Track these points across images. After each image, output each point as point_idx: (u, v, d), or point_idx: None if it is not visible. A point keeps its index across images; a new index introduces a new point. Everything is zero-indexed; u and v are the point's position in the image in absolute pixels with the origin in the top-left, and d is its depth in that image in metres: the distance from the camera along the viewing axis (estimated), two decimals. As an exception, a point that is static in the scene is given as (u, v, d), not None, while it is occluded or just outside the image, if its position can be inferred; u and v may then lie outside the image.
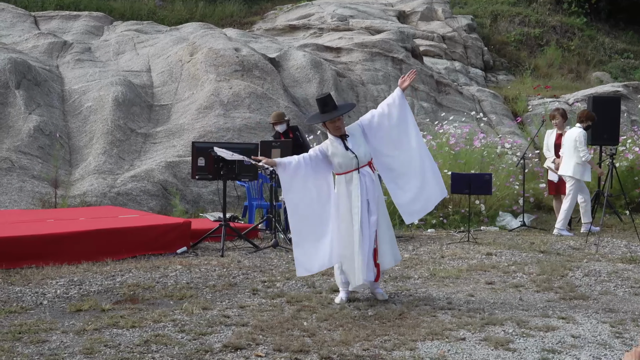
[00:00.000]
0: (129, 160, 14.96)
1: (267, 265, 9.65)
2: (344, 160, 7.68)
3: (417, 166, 7.92)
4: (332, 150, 7.75)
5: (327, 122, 7.74)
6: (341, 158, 7.69)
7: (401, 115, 7.86)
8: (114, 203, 13.30)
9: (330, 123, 7.73)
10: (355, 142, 7.75)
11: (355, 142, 7.75)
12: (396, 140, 7.90)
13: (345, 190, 7.71)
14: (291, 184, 7.73)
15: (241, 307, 7.41)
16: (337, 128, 7.74)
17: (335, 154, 7.72)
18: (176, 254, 10.22)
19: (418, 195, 7.93)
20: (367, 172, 7.73)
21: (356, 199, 7.62)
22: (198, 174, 10.96)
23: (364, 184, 7.67)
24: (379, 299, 7.81)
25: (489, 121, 19.89)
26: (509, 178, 14.47)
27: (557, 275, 9.19)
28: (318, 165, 7.76)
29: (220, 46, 18.41)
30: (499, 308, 7.54)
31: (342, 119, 7.81)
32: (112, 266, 9.23)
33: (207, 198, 14.42)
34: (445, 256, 10.57)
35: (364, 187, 7.66)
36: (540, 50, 29.13)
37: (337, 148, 7.73)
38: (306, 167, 7.72)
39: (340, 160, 7.70)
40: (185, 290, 8.04)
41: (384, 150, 7.93)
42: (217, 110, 16.30)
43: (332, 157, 7.73)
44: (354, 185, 7.66)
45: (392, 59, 21.55)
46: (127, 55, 20.07)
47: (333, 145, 7.76)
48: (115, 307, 7.28)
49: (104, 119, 15.70)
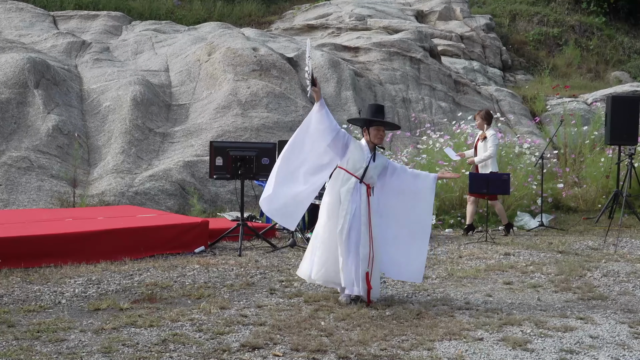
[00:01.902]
0: (147, 159, 15.01)
1: (285, 265, 9.66)
2: (357, 164, 7.71)
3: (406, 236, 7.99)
4: (356, 147, 7.78)
5: (373, 127, 7.80)
6: (357, 159, 7.71)
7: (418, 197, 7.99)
8: (132, 202, 13.35)
9: (374, 129, 7.81)
10: (377, 163, 7.83)
11: (377, 163, 7.83)
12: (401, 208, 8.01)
13: (339, 187, 7.73)
14: (309, 129, 7.76)
15: (259, 306, 7.43)
16: (380, 137, 7.85)
17: (356, 154, 7.74)
18: (194, 254, 10.25)
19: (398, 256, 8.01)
20: (362, 191, 7.74)
21: (346, 202, 7.65)
22: (216, 173, 10.98)
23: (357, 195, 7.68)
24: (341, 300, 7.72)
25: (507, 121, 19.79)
26: (527, 178, 14.41)
27: (576, 275, 9.15)
28: (338, 144, 7.76)
29: (238, 46, 18.44)
30: (516, 308, 7.52)
31: (384, 132, 7.95)
32: (130, 265, 9.27)
33: (225, 197, 14.44)
34: (463, 256, 10.55)
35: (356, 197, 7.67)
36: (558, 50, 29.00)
37: (363, 152, 7.77)
38: (332, 133, 7.69)
39: (355, 160, 7.72)
40: (203, 290, 8.06)
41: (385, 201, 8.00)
42: (235, 109, 16.33)
43: (351, 152, 7.76)
44: (346, 190, 7.68)
45: (410, 58, 21.51)
46: (145, 55, 20.13)
47: (361, 147, 7.82)
48: (133, 306, 7.31)
49: (122, 119, 15.75)
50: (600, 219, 14.03)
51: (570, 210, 15.39)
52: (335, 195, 7.74)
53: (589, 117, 19.85)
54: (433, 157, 14.39)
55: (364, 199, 7.71)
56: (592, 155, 16.42)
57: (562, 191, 15.27)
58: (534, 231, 13.19)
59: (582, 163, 16.61)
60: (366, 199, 7.73)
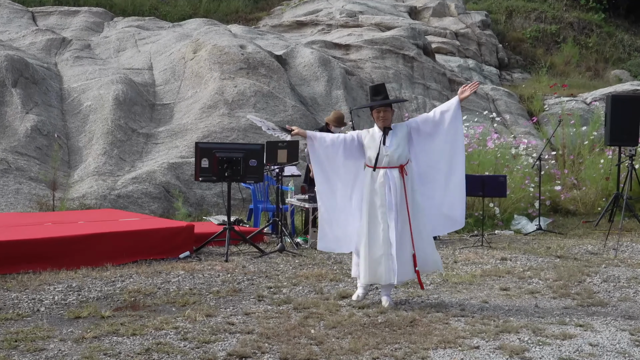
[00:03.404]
0: (130, 161, 14.97)
1: (273, 271, 9.65)
2: (375, 155, 7.72)
3: (448, 184, 7.98)
4: (367, 140, 7.83)
5: (374, 110, 7.84)
6: (374, 151, 7.75)
7: (452, 125, 7.90)
8: (115, 206, 13.31)
9: (376, 112, 7.84)
10: (395, 140, 7.80)
11: (395, 140, 7.80)
12: (441, 150, 7.95)
13: (370, 185, 7.78)
14: (320, 159, 7.89)
15: (246, 314, 7.41)
16: (382, 119, 7.82)
17: (370, 147, 7.80)
18: (179, 259, 10.22)
19: (435, 216, 8.00)
20: (395, 175, 7.74)
21: (378, 198, 7.69)
22: (201, 175, 10.95)
23: (389, 186, 7.69)
24: (383, 305, 7.79)
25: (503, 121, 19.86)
26: (524, 180, 14.44)
27: (575, 281, 9.16)
28: (352, 149, 7.85)
29: (224, 43, 18.42)
30: (514, 315, 7.52)
31: (390, 111, 7.89)
32: (112, 271, 9.23)
33: (211, 201, 14.42)
34: (458, 261, 10.56)
35: (389, 188, 7.68)
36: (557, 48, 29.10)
37: (374, 140, 7.80)
38: (339, 148, 7.82)
39: (372, 154, 7.75)
40: (188, 297, 8.03)
41: (426, 158, 7.97)
42: (221, 109, 16.31)
43: (366, 148, 7.82)
44: (379, 184, 7.72)
45: (403, 56, 21.54)
46: (128, 53, 20.10)
47: (372, 135, 7.84)
48: (116, 314, 7.28)
49: (104, 119, 15.71)
50: (600, 222, 14.06)
51: (568, 214, 15.42)
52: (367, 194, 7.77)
53: (588, 117, 19.90)
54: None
55: (398, 183, 7.71)
56: (591, 157, 16.46)
57: (561, 194, 15.30)
58: (532, 235, 13.21)
59: (581, 164, 16.66)
60: (400, 183, 7.72)
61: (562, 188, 15.37)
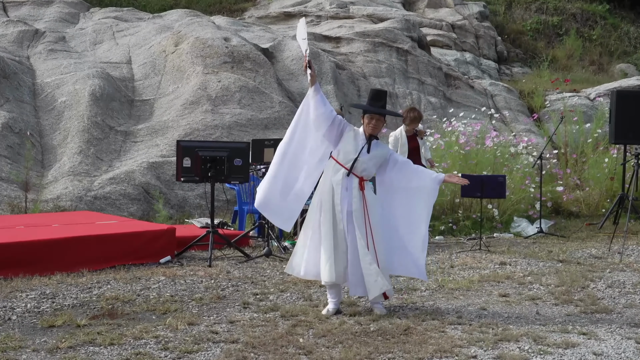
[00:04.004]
0: (108, 160, 14.95)
1: (259, 276, 9.64)
2: (349, 154, 7.76)
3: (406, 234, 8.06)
4: (350, 136, 7.84)
5: (367, 115, 7.88)
6: (350, 150, 7.77)
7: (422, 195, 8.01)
8: (91, 208, 13.29)
9: (368, 117, 7.87)
10: (374, 154, 7.86)
11: (374, 154, 7.86)
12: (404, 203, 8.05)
13: (330, 178, 7.82)
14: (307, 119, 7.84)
15: (231, 322, 7.40)
16: (373, 127, 7.86)
17: (349, 142, 7.80)
18: (159, 264, 10.21)
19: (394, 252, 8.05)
20: (354, 185, 7.78)
21: (337, 195, 7.73)
22: (183, 175, 10.94)
23: (345, 190, 7.73)
24: (377, 314, 7.81)
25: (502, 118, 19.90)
26: (525, 180, 14.47)
27: (578, 286, 9.19)
28: (332, 129, 7.82)
29: (207, 35, 18.41)
30: (513, 323, 7.54)
31: (382, 121, 7.94)
32: (89, 277, 9.21)
33: (194, 202, 14.41)
34: (454, 266, 10.58)
35: (345, 192, 7.72)
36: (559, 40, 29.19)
37: (357, 141, 7.82)
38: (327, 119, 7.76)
39: (347, 150, 7.78)
40: (169, 304, 8.03)
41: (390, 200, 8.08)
42: (204, 105, 16.30)
43: (343, 142, 7.82)
44: (336, 181, 7.75)
45: (397, 49, 21.57)
46: (105, 46, 20.06)
47: (355, 135, 7.86)
48: (92, 323, 7.27)
49: (80, 116, 15.68)
50: (605, 224, 14.09)
51: (571, 216, 15.46)
52: (327, 185, 7.79)
53: (592, 113, 19.97)
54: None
55: (356, 193, 7.75)
56: (595, 156, 16.50)
57: (563, 195, 15.33)
58: (532, 238, 13.23)
59: (585, 164, 16.70)
60: (359, 194, 7.76)
61: (565, 189, 15.41)
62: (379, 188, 8.08)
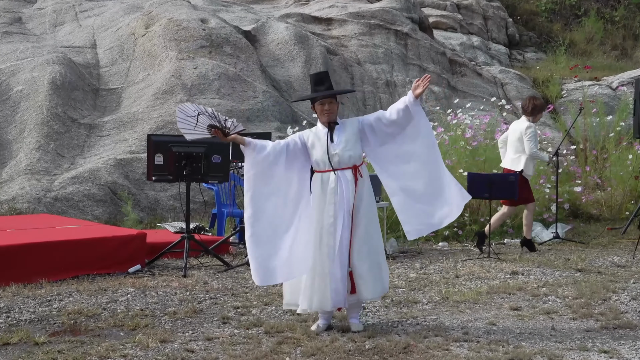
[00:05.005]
0: (70, 157, 14.93)
1: (241, 288, 9.64)
2: (322, 156, 7.70)
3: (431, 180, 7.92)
4: (312, 140, 7.79)
5: (317, 103, 7.79)
6: (320, 152, 7.72)
7: (413, 126, 7.89)
8: (51, 211, 13.27)
9: (319, 104, 7.79)
10: (343, 137, 7.78)
11: (343, 137, 7.78)
12: (405, 153, 7.94)
13: (320, 192, 7.72)
14: (256, 172, 7.66)
15: (208, 339, 7.40)
16: (326, 112, 7.77)
17: (315, 146, 7.76)
18: (128, 274, 10.20)
19: (433, 206, 7.93)
20: (348, 178, 7.73)
21: (330, 206, 7.66)
22: (155, 174, 10.93)
23: (342, 191, 7.67)
24: (353, 330, 7.76)
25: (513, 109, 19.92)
26: (539, 179, 14.48)
27: (598, 299, 9.20)
28: (295, 155, 7.77)
29: (182, 16, 18.40)
30: (526, 339, 7.55)
31: (335, 103, 7.85)
32: (48, 289, 9.20)
33: (167, 204, 14.41)
34: (460, 275, 10.58)
35: (341, 195, 7.66)
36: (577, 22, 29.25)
37: (319, 138, 7.77)
38: (280, 156, 7.69)
39: (318, 156, 7.72)
40: (138, 319, 8.02)
41: (392, 161, 7.95)
42: (178, 95, 16.29)
43: (311, 148, 7.77)
44: (330, 190, 7.68)
45: (395, 32, 21.59)
46: (66, 28, 20.03)
47: (316, 134, 7.81)
48: (52, 340, 7.25)
49: (38, 107, 15.66)
50: (628, 229, 14.11)
51: (591, 219, 15.48)
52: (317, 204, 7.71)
53: (614, 104, 20.02)
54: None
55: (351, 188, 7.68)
56: (617, 152, 16.52)
57: (582, 195, 15.36)
58: (547, 245, 13.26)
59: (606, 161, 16.72)
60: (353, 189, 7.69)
61: (584, 189, 15.43)
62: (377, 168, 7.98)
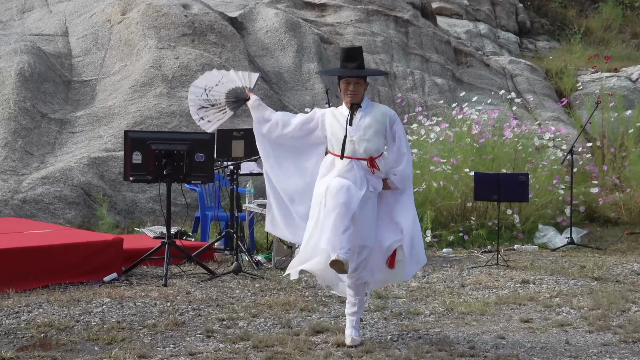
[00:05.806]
0: (39, 155, 14.93)
1: (227, 298, 9.64)
2: (337, 138, 7.64)
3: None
4: (330, 120, 7.75)
5: (342, 80, 7.74)
6: (336, 132, 7.66)
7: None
8: (19, 214, 13.26)
9: (344, 83, 7.71)
10: (365, 122, 7.66)
11: (365, 122, 7.66)
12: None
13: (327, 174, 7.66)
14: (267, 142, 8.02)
15: (191, 354, 7.41)
16: (350, 93, 7.66)
17: (332, 129, 7.70)
18: (103, 283, 10.20)
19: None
20: (361, 168, 7.65)
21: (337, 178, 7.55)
22: (133, 174, 10.92)
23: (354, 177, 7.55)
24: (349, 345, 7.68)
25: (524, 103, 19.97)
26: (552, 180, 14.49)
27: (616, 310, 9.22)
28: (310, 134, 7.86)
29: (162, 2, 18.40)
30: (538, 354, 7.57)
31: (363, 85, 7.74)
32: (16, 299, 9.20)
33: (145, 207, 14.40)
34: (466, 285, 10.60)
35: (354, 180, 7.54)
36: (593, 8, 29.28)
37: (338, 119, 7.71)
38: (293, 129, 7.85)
39: (333, 133, 7.69)
40: (115, 332, 8.02)
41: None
42: (158, 88, 16.29)
43: (328, 131, 7.73)
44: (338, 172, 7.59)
45: (395, 19, 21.61)
46: (36, 14, 20.03)
47: (335, 114, 7.77)
48: (20, 355, 7.26)
49: (5, 100, 15.65)
50: (649, 234, 14.17)
51: (608, 223, 15.51)
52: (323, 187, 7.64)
53: (634, 98, 20.05)
54: (426, 152, 14.41)
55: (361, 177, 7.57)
56: (637, 149, 16.55)
57: (599, 197, 15.37)
58: (561, 251, 13.28)
59: (625, 159, 16.74)
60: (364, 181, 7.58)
61: (601, 190, 15.44)
62: None
